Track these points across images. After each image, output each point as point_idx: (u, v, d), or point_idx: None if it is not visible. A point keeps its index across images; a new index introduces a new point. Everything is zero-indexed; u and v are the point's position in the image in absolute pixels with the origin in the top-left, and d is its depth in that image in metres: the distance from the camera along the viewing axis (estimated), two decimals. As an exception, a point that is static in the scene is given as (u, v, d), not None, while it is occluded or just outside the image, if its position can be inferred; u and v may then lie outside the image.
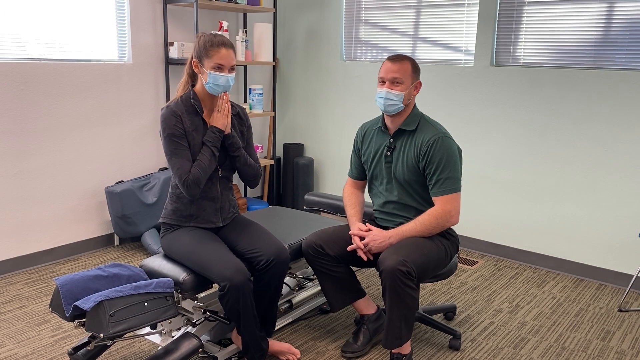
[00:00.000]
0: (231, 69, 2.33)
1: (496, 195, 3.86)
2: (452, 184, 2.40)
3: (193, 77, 2.43)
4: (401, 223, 2.51)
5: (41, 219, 3.51)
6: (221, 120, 2.33)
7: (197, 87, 2.40)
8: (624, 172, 3.35)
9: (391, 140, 2.52)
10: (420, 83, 2.49)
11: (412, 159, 2.45)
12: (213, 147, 2.32)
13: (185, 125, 2.32)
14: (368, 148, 2.62)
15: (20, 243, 3.44)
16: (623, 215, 3.39)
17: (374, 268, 3.58)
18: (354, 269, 3.51)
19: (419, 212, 2.49)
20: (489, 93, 3.79)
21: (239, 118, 2.52)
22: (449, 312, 2.95)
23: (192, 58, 2.37)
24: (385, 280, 2.27)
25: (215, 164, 2.34)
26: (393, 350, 2.42)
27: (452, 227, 2.59)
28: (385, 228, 2.58)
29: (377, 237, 2.43)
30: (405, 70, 2.42)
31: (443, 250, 2.45)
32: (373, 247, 2.43)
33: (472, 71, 3.85)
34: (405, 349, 2.43)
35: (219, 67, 2.30)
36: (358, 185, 2.73)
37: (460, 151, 2.48)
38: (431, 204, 2.48)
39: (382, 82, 2.45)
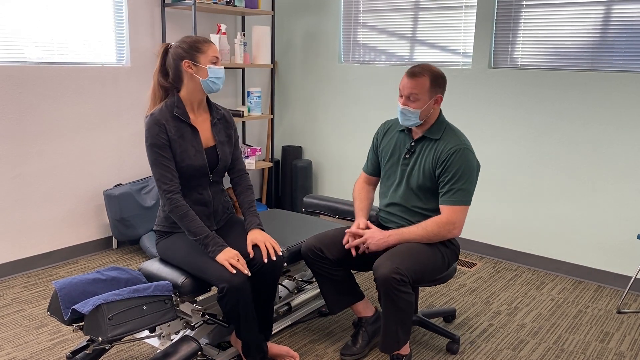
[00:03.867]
0: None
1: (494, 197, 3.86)
2: (463, 197, 2.37)
3: (177, 83, 2.34)
4: (403, 226, 2.50)
5: (39, 222, 3.51)
6: (228, 260, 2.20)
7: (184, 91, 2.33)
8: (622, 174, 3.36)
9: (412, 143, 2.50)
10: (441, 97, 2.43)
11: (429, 165, 2.43)
12: (200, 242, 2.23)
13: (169, 133, 2.27)
14: (386, 145, 2.60)
15: (18, 246, 3.43)
16: (621, 217, 3.39)
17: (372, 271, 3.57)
18: (353, 272, 3.51)
19: (425, 218, 2.47)
20: (486, 95, 3.80)
21: (225, 121, 2.48)
22: (449, 315, 2.95)
23: (174, 61, 2.29)
24: (380, 287, 2.27)
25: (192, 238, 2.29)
26: (393, 353, 2.42)
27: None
28: (387, 229, 2.58)
29: (376, 235, 2.43)
30: (423, 86, 2.36)
31: (440, 258, 2.43)
32: (371, 244, 2.42)
33: (470, 74, 3.85)
34: (405, 349, 2.43)
35: (215, 61, 2.30)
36: (371, 181, 2.72)
37: (478, 167, 2.46)
38: (438, 213, 2.46)
39: (401, 95, 2.43)
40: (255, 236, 2.34)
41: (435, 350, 2.66)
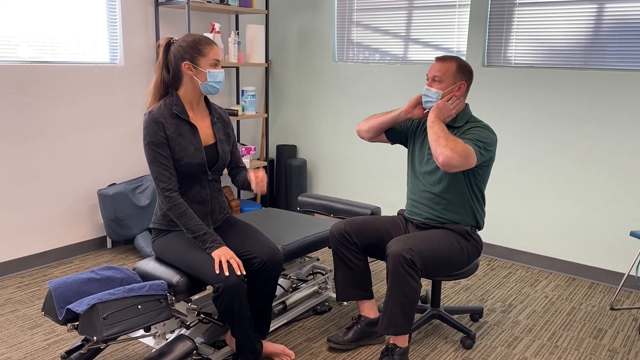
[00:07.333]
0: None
1: (488, 195, 3.88)
2: (472, 144, 2.36)
3: (176, 81, 2.33)
4: (428, 217, 2.56)
5: (33, 222, 3.49)
6: (225, 256, 2.20)
7: (183, 90, 2.33)
8: (615, 171, 3.38)
9: None
10: (464, 84, 2.48)
11: None
12: (198, 239, 2.23)
13: (168, 131, 2.26)
14: (418, 130, 2.65)
15: (12, 246, 3.42)
16: (614, 214, 3.41)
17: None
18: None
19: (450, 205, 2.51)
20: (480, 94, 3.81)
21: (223, 121, 2.49)
22: (475, 313, 2.95)
23: (175, 60, 2.28)
24: (389, 264, 2.32)
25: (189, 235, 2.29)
26: (390, 341, 2.43)
27: (477, 230, 2.60)
28: (410, 220, 2.65)
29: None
30: (447, 69, 2.46)
31: (458, 250, 2.47)
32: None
33: (463, 72, 3.86)
34: (402, 342, 2.43)
35: (215, 64, 2.29)
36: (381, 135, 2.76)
37: (495, 140, 2.46)
38: (466, 203, 2.52)
39: (427, 80, 2.53)
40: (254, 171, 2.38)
41: (429, 347, 2.67)
